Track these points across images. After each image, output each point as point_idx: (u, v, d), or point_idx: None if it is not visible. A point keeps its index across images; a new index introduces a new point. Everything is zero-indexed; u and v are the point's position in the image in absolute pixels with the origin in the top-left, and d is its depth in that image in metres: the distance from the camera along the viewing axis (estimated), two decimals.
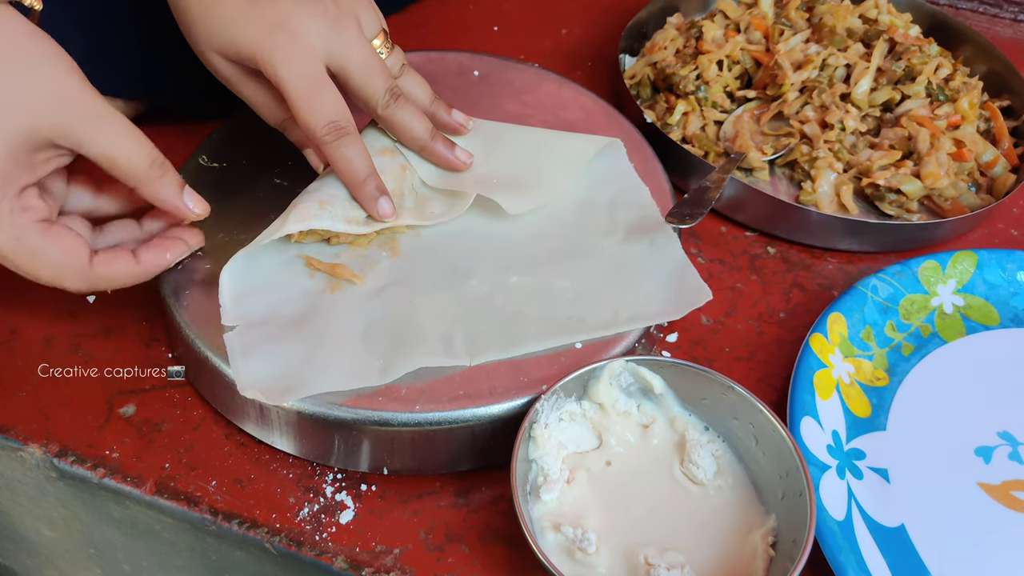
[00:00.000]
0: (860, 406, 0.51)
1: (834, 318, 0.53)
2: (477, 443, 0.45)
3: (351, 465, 0.46)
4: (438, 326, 0.47)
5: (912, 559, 0.45)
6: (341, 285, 0.49)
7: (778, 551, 0.42)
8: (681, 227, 0.53)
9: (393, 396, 0.44)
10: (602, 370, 0.46)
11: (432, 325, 0.47)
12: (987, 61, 0.71)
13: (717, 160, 0.63)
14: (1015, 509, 0.47)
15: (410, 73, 0.53)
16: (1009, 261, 0.58)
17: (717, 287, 0.58)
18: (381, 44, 0.51)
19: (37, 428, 0.48)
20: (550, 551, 0.41)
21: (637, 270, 0.51)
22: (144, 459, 0.47)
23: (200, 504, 0.45)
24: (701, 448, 0.45)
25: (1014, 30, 0.85)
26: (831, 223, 0.60)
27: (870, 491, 0.47)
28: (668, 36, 0.71)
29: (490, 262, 0.51)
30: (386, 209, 0.50)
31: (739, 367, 0.53)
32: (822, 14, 0.70)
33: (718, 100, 0.66)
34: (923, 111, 0.64)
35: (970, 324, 0.56)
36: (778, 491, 0.43)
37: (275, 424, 0.46)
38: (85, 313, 0.53)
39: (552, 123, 0.60)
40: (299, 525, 0.44)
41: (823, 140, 0.63)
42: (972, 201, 0.63)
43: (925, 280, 0.57)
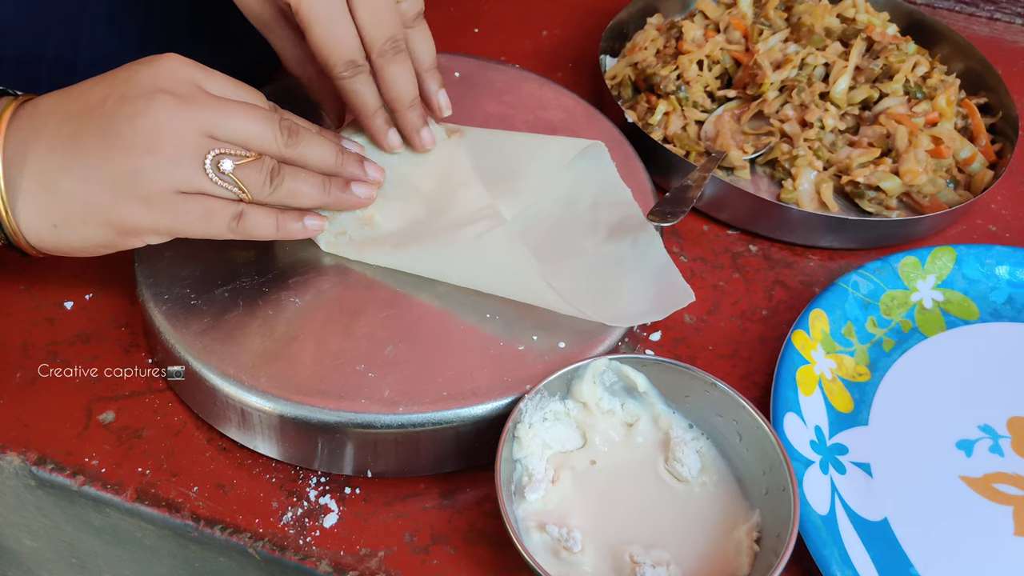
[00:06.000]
0: (842, 401, 0.51)
1: (816, 315, 0.54)
2: (461, 444, 0.45)
3: (335, 468, 0.46)
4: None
5: (895, 552, 0.45)
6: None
7: (762, 546, 0.42)
8: (663, 225, 0.53)
9: (376, 398, 0.44)
10: (585, 369, 0.46)
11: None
12: (964, 59, 0.72)
13: (698, 159, 0.64)
14: (996, 501, 0.48)
15: (421, 27, 0.51)
16: (987, 256, 0.59)
17: (700, 285, 0.58)
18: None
19: (15, 436, 0.47)
20: (536, 551, 0.41)
21: (620, 270, 0.51)
22: (124, 466, 0.46)
23: (182, 510, 0.45)
24: (685, 445, 0.45)
25: (991, 28, 0.86)
26: (812, 220, 0.60)
27: (853, 486, 0.47)
28: (648, 37, 0.71)
29: None
30: (394, 141, 0.52)
31: (722, 364, 0.54)
32: (800, 14, 0.70)
33: (699, 100, 0.67)
34: (901, 109, 0.64)
35: (950, 319, 0.57)
36: (762, 487, 0.43)
37: (257, 428, 0.45)
38: (63, 319, 0.52)
39: (533, 123, 0.60)
40: (282, 529, 0.44)
41: (803, 138, 0.63)
42: (950, 197, 0.63)
43: (905, 276, 0.57)
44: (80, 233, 0.43)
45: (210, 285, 0.48)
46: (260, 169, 0.44)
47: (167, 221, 0.43)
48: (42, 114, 0.43)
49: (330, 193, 0.48)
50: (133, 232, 0.43)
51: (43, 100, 0.44)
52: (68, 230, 0.43)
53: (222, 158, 0.43)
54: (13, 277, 0.54)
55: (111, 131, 0.41)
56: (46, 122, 0.43)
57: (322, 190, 0.47)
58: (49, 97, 0.44)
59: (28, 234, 0.43)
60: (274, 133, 0.45)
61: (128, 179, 0.41)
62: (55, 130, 0.42)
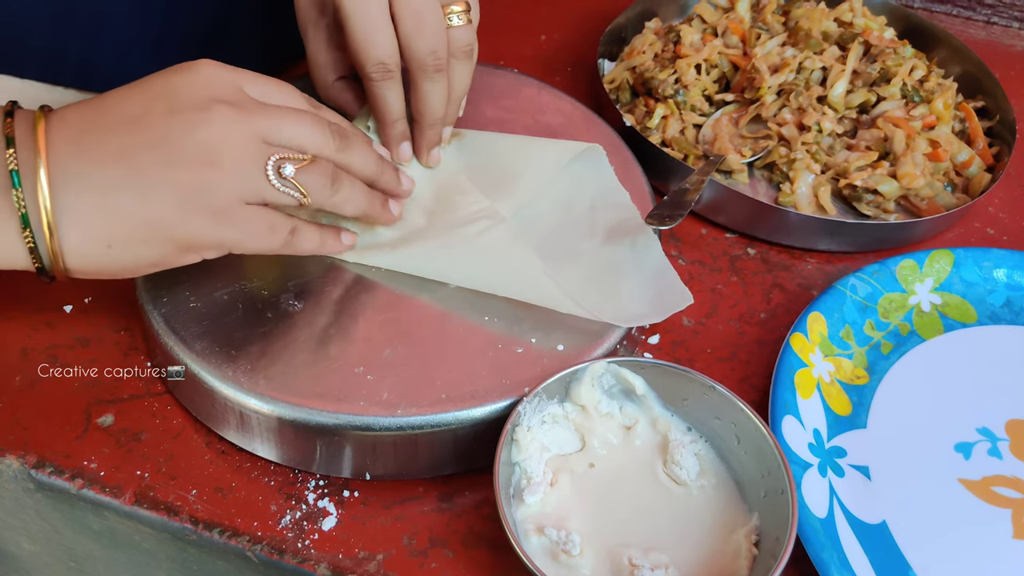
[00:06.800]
0: (841, 404, 0.52)
1: (814, 318, 0.54)
2: (460, 447, 0.45)
3: (333, 471, 0.46)
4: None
5: (894, 555, 0.45)
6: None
7: (761, 549, 0.42)
8: (661, 228, 0.53)
9: (375, 400, 0.44)
10: (584, 372, 0.46)
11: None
12: (961, 63, 0.72)
13: (696, 163, 0.64)
14: (995, 504, 0.48)
15: (466, 63, 0.51)
16: (985, 259, 0.59)
17: (698, 288, 0.58)
18: (460, 12, 0.50)
19: (14, 439, 0.47)
20: (534, 554, 0.41)
21: (618, 272, 0.51)
22: (123, 469, 0.46)
23: (180, 513, 0.45)
24: (684, 448, 0.45)
25: (987, 32, 0.86)
26: (810, 224, 0.60)
27: (852, 488, 0.47)
28: (646, 41, 0.71)
29: None
30: (406, 154, 0.53)
31: (721, 368, 0.54)
32: (798, 18, 0.70)
33: (697, 103, 0.67)
34: (898, 112, 0.65)
35: (948, 322, 0.57)
36: (760, 489, 0.43)
37: (256, 431, 0.45)
38: (62, 323, 0.52)
39: (532, 127, 0.61)
40: (281, 533, 0.44)
41: (801, 142, 0.63)
42: (948, 200, 0.64)
43: (903, 279, 0.57)
44: (136, 252, 0.41)
45: (209, 288, 0.49)
46: (322, 172, 0.44)
47: (234, 234, 0.42)
48: (74, 128, 0.41)
49: (373, 206, 0.48)
50: (196, 248, 0.42)
51: (69, 113, 0.41)
52: (123, 250, 0.41)
53: (283, 163, 0.42)
54: (12, 281, 0.54)
55: (168, 145, 0.40)
56: (83, 137, 0.40)
57: (369, 201, 0.48)
58: (75, 110, 0.42)
59: (73, 256, 0.41)
60: (326, 137, 0.44)
61: (194, 194, 0.40)
62: (97, 145, 0.40)
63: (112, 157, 0.40)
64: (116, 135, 0.40)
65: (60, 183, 0.39)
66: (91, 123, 0.41)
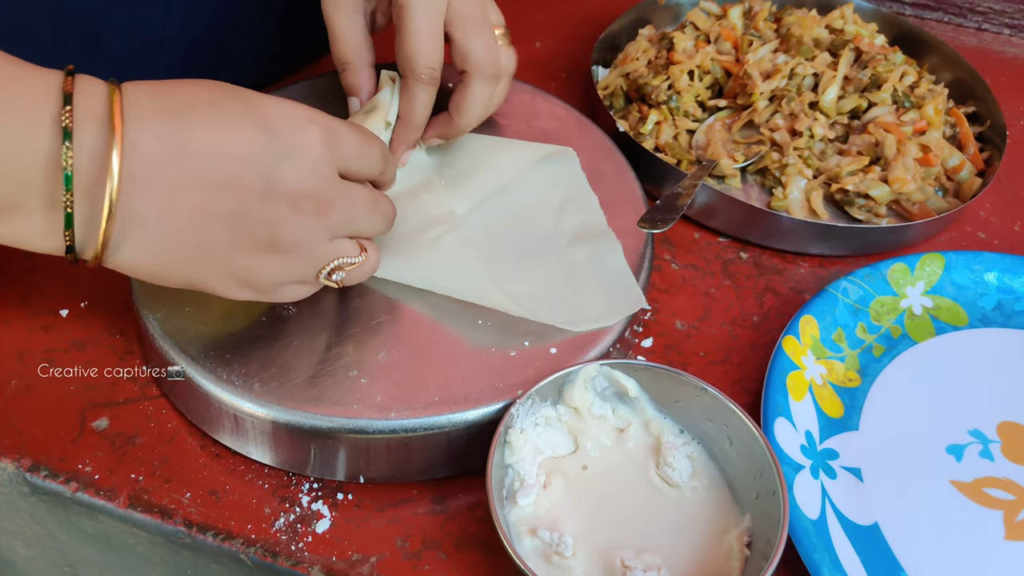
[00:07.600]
0: (833, 407, 0.52)
1: (806, 321, 0.54)
2: (453, 449, 0.45)
3: (327, 474, 0.46)
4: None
5: (886, 557, 0.45)
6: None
7: (753, 551, 0.42)
8: (653, 232, 0.54)
9: (368, 403, 0.44)
10: (577, 374, 0.46)
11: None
12: (953, 69, 0.73)
13: (689, 168, 0.64)
14: (987, 506, 0.48)
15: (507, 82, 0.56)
16: (976, 263, 0.59)
17: (691, 292, 0.58)
18: (500, 35, 0.54)
19: (9, 443, 0.47)
20: (527, 556, 0.41)
21: (576, 276, 0.52)
22: (117, 472, 0.46)
23: (174, 516, 0.45)
24: (676, 450, 0.45)
25: (978, 39, 0.87)
26: (802, 228, 0.61)
27: (844, 490, 0.48)
28: (640, 47, 0.72)
29: None
30: (407, 159, 0.55)
31: (714, 371, 0.54)
32: (790, 25, 0.71)
33: (690, 109, 0.67)
34: (889, 118, 0.65)
35: (939, 325, 0.57)
36: (752, 491, 0.43)
37: (250, 434, 0.45)
38: (58, 327, 0.52)
39: (526, 132, 0.61)
40: (275, 535, 0.44)
41: (793, 147, 0.64)
42: (939, 205, 0.64)
43: (894, 282, 0.58)
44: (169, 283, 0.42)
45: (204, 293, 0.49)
46: (362, 275, 0.46)
47: (268, 299, 0.44)
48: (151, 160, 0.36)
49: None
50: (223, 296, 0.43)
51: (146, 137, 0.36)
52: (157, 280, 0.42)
53: (338, 270, 0.44)
54: (9, 285, 0.54)
55: (243, 230, 0.39)
56: (160, 175, 0.37)
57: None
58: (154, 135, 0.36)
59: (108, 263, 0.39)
60: (387, 224, 0.46)
61: (245, 273, 0.41)
62: (171, 195, 0.37)
63: (184, 214, 0.38)
64: (192, 193, 0.37)
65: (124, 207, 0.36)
66: (171, 160, 0.37)
